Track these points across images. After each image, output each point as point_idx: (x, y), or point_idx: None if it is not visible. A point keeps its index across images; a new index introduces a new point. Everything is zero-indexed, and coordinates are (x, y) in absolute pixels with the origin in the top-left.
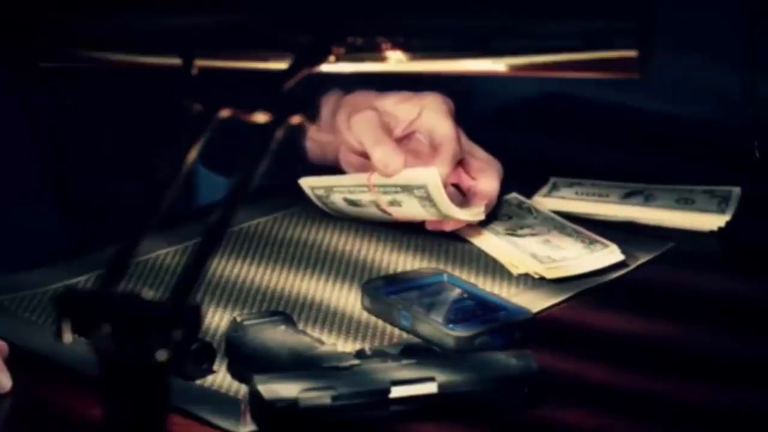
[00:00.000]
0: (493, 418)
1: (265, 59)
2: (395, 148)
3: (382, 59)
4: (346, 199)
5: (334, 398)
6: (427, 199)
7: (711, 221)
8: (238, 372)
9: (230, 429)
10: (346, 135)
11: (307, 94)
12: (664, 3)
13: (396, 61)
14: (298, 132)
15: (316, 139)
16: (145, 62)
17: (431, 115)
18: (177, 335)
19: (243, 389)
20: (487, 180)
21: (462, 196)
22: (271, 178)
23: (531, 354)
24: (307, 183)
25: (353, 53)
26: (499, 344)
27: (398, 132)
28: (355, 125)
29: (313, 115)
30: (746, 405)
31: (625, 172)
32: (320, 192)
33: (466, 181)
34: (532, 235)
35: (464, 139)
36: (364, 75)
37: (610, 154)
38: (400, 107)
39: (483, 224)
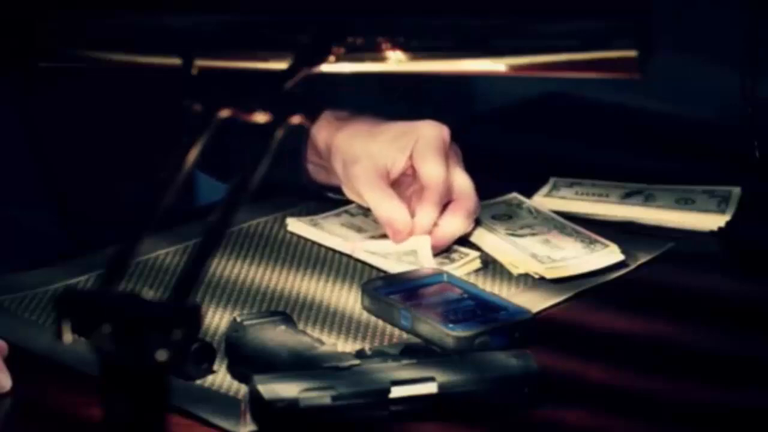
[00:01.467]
0: (493, 418)
1: (265, 59)
2: (399, 206)
3: (382, 59)
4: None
5: (334, 398)
6: (412, 257)
7: (711, 221)
8: (238, 372)
9: (230, 429)
10: (346, 186)
11: (308, 95)
12: (664, 3)
13: (396, 61)
14: (300, 134)
15: (317, 163)
16: (145, 62)
17: (420, 154)
18: (177, 335)
19: (243, 389)
20: (450, 222)
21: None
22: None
23: (531, 354)
24: (293, 226)
25: (353, 53)
26: (499, 344)
27: (393, 177)
28: (354, 180)
29: (312, 116)
30: (746, 405)
31: (625, 172)
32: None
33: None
34: (532, 235)
35: (452, 164)
36: (363, 75)
37: (610, 154)
38: (394, 148)
39: (483, 224)
